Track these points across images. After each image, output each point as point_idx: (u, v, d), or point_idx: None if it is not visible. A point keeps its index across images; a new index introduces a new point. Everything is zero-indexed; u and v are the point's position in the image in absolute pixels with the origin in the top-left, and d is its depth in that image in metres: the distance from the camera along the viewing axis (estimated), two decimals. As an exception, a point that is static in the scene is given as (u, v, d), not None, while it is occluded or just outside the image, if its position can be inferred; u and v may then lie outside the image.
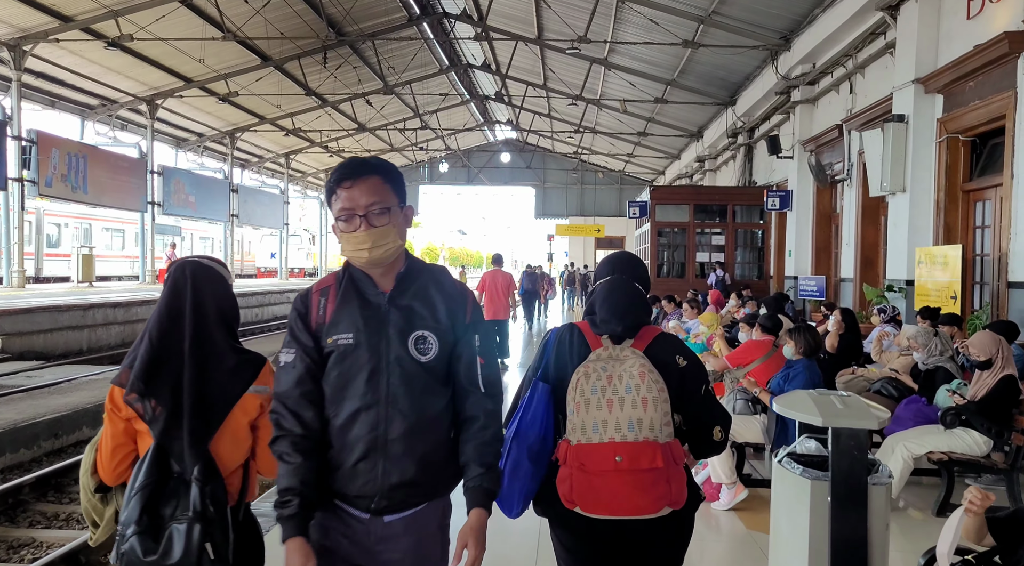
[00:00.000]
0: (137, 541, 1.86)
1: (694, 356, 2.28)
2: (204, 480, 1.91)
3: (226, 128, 26.25)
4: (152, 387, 1.94)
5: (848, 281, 12.81)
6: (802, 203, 15.00)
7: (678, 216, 18.47)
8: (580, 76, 21.65)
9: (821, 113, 14.35)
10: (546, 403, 2.19)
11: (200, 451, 1.93)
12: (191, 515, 1.88)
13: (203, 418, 1.95)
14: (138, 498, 1.89)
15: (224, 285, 2.11)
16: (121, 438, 2.00)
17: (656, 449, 2.07)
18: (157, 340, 1.97)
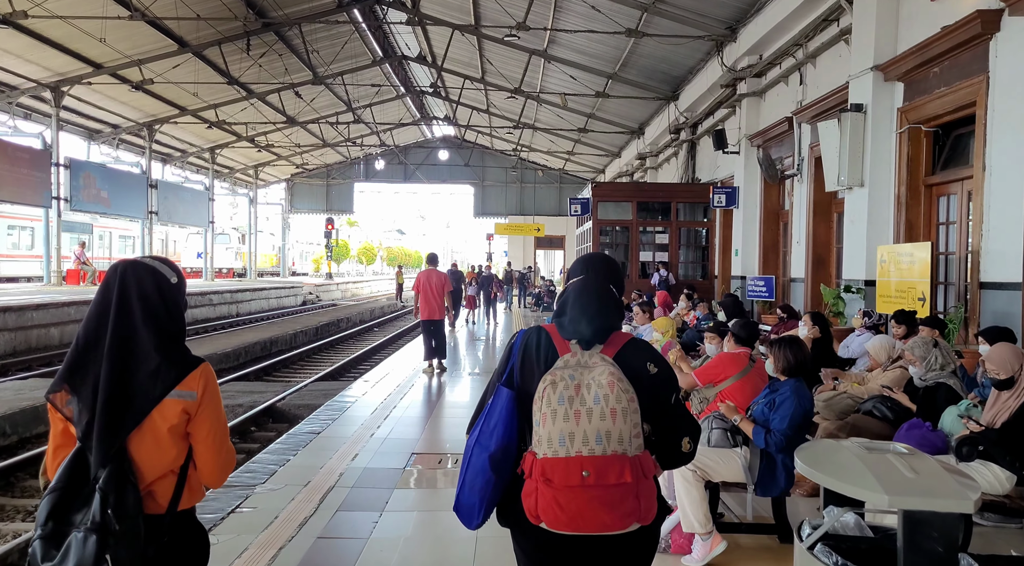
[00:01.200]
0: (39, 546, 1.81)
1: (665, 363, 2.17)
2: (108, 488, 1.82)
3: (143, 119, 24.59)
4: (74, 386, 1.90)
5: (799, 281, 12.27)
6: (749, 200, 14.45)
7: (621, 214, 17.81)
8: (519, 69, 20.85)
9: (769, 106, 13.82)
10: (510, 410, 2.09)
11: (108, 454, 1.85)
12: (89, 525, 1.80)
13: (112, 420, 1.86)
14: (47, 501, 1.84)
15: (160, 284, 2.00)
16: (60, 439, 1.97)
17: (624, 463, 1.99)
18: (83, 339, 1.94)
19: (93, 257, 31.62)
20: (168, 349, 1.96)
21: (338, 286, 39.18)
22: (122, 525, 1.82)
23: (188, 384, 1.95)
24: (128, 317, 1.94)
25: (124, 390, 1.89)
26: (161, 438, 1.93)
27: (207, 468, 2.01)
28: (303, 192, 39.04)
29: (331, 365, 14.57)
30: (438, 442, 6.68)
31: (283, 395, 9.95)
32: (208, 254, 31.87)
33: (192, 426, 1.97)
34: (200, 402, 1.96)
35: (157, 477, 1.94)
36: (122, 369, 1.90)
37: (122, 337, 1.92)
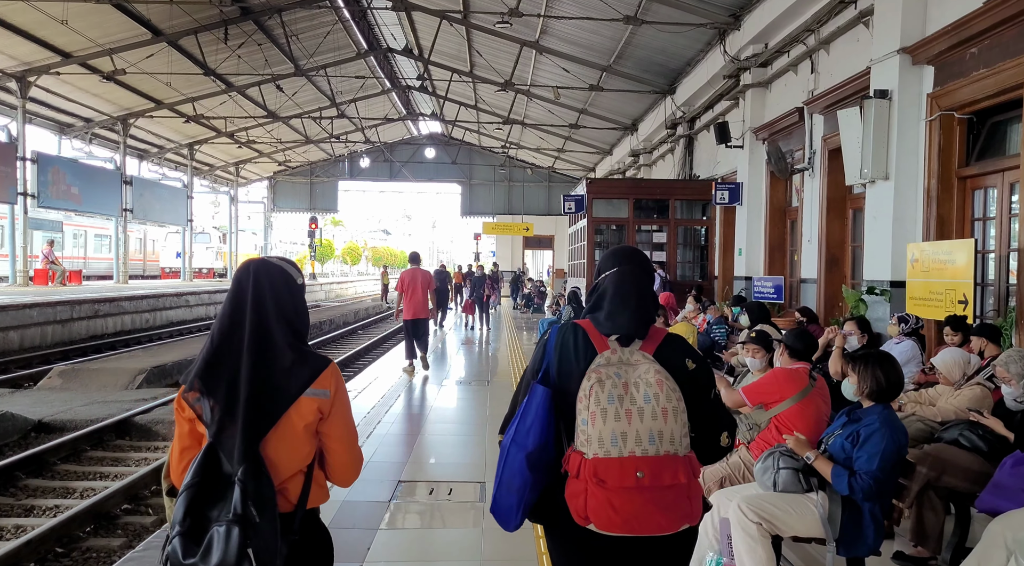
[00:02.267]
0: (179, 542, 1.80)
1: (702, 358, 2.18)
2: (247, 481, 1.83)
3: (117, 113, 23.58)
4: (210, 385, 1.91)
5: (810, 282, 11.54)
6: (753, 197, 13.73)
7: (617, 211, 17.06)
8: (509, 62, 20.06)
9: (775, 97, 13.10)
10: (547, 408, 2.04)
11: (249, 451, 1.86)
12: (231, 518, 1.79)
13: (255, 416, 1.88)
14: (184, 498, 1.84)
15: (289, 283, 2.03)
16: (187, 440, 1.97)
17: (677, 463, 1.98)
18: (218, 337, 1.95)
19: (67, 256, 30.58)
20: (300, 348, 2.00)
21: (322, 287, 38.25)
22: (262, 518, 1.82)
23: (322, 382, 1.97)
24: (264, 316, 1.96)
25: (263, 388, 1.91)
26: (296, 436, 1.95)
27: (340, 467, 2.04)
28: (286, 190, 38.05)
29: None
30: (428, 467, 5.89)
31: (256, 407, 9.07)
32: (186, 254, 30.85)
33: (325, 425, 2.00)
34: (333, 400, 1.99)
35: (289, 475, 1.95)
36: (260, 367, 1.92)
37: (259, 336, 1.94)
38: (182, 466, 1.96)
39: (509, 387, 9.38)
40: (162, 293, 19.94)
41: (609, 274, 2.17)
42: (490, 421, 7.49)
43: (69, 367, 11.54)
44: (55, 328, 14.73)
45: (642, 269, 2.20)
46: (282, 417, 1.92)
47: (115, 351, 13.95)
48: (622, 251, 2.26)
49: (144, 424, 8.39)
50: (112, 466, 7.50)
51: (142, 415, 8.62)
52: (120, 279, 24.68)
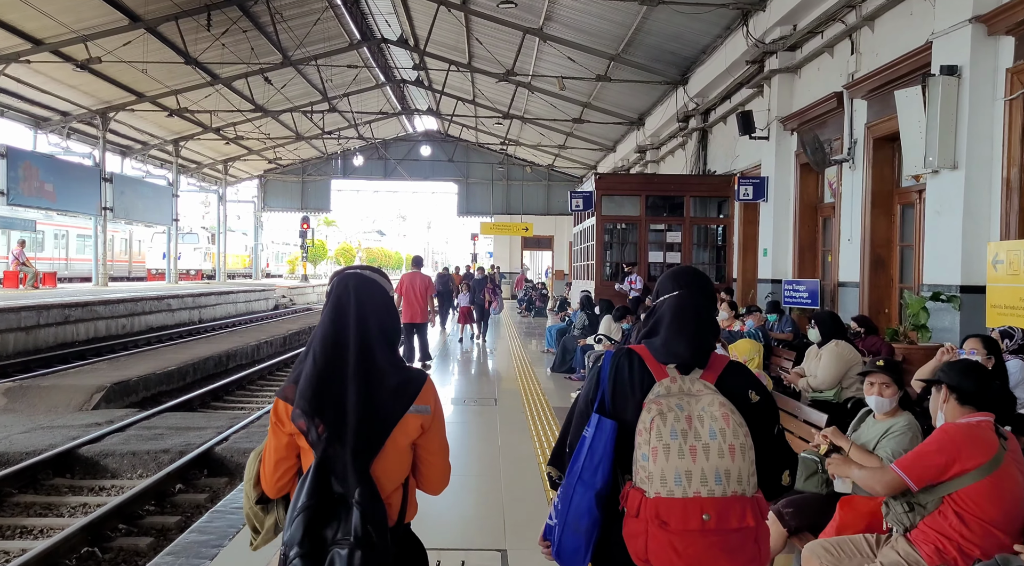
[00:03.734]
0: (300, 563, 1.80)
1: (766, 389, 2.05)
2: (365, 503, 1.84)
3: (96, 106, 22.33)
4: (316, 406, 1.88)
5: (850, 286, 10.41)
6: (781, 192, 12.61)
7: (627, 209, 15.91)
8: (511, 52, 18.90)
9: (806, 83, 11.98)
10: (613, 442, 1.93)
11: (363, 473, 1.87)
12: (352, 540, 1.81)
13: (366, 439, 1.89)
14: (301, 519, 1.82)
15: (386, 298, 2.04)
16: (284, 452, 1.96)
17: (746, 505, 1.86)
18: (321, 357, 1.93)
19: (46, 258, 29.32)
20: (399, 365, 2.00)
21: (314, 289, 36.99)
22: (379, 539, 1.83)
23: (423, 398, 1.98)
24: (367, 332, 1.95)
25: (372, 411, 1.90)
26: (401, 453, 1.96)
27: (436, 477, 2.06)
28: (277, 189, 36.79)
29: None
30: (429, 527, 4.66)
31: (226, 433, 7.84)
32: (171, 254, 29.58)
33: (424, 439, 2.00)
34: (433, 415, 2.00)
35: (392, 491, 1.96)
36: (367, 390, 1.91)
37: (364, 358, 1.93)
38: (276, 476, 1.97)
39: (520, 409, 8.22)
40: (141, 296, 18.72)
41: (668, 298, 2.08)
42: (504, 454, 6.32)
43: (16, 384, 10.16)
44: (18, 336, 13.50)
45: (703, 293, 2.11)
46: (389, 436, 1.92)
47: (71, 364, 12.50)
48: (683, 272, 2.17)
49: (91, 457, 7.06)
50: (39, 516, 6.11)
51: (90, 445, 7.29)
52: (100, 282, 23.42)
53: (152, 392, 11.10)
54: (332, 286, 2.03)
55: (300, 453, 1.96)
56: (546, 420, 7.65)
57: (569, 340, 11.04)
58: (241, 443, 7.41)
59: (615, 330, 9.53)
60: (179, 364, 12.37)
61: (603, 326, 9.64)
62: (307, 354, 1.97)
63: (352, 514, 1.83)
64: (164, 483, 6.49)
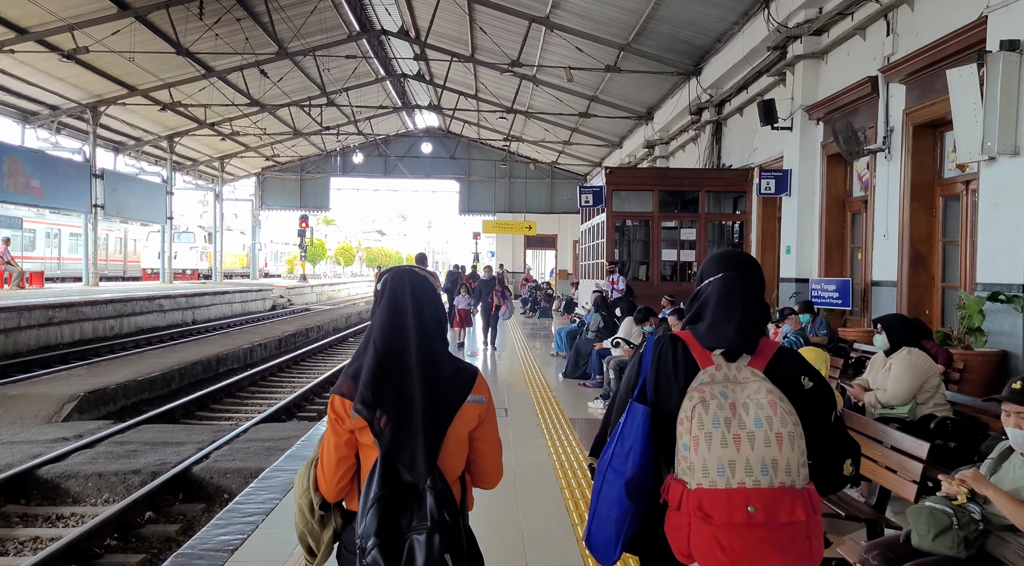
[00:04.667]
0: (379, 554, 1.80)
1: (820, 376, 1.96)
2: (437, 488, 1.86)
3: (87, 100, 21.58)
4: (379, 397, 1.92)
5: (886, 285, 9.67)
6: (805, 186, 11.86)
7: (640, 205, 15.18)
8: (516, 42, 18.16)
9: (833, 69, 11.23)
10: (647, 430, 1.87)
11: (432, 460, 1.89)
12: (429, 525, 1.82)
13: (434, 427, 1.91)
14: (375, 509, 1.83)
15: (437, 294, 2.09)
16: (344, 450, 1.96)
17: (795, 497, 1.74)
18: (383, 350, 1.97)
19: (37, 257, 28.60)
20: (453, 356, 2.04)
21: (312, 289, 36.25)
22: (454, 521, 1.85)
23: (478, 389, 2.01)
24: (426, 327, 1.98)
25: (435, 400, 1.92)
26: (461, 442, 1.98)
27: (492, 470, 2.08)
28: (275, 187, 35.99)
29: (288, 394, 11.53)
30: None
31: (208, 449, 7.05)
32: (166, 253, 28.82)
33: (480, 430, 2.02)
34: (488, 406, 2.03)
35: (453, 479, 1.98)
36: (429, 379, 1.93)
37: (425, 348, 1.95)
38: (337, 476, 1.96)
39: (534, 420, 7.47)
40: (132, 297, 17.97)
41: (713, 280, 2.00)
42: (520, 472, 5.58)
43: (-22, 394, 9.35)
44: (-4, 338, 12.77)
45: (752, 276, 2.01)
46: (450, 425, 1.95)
47: (49, 370, 11.69)
48: (729, 255, 2.07)
49: (51, 479, 6.25)
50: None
51: (51, 465, 6.46)
52: (90, 281, 22.65)
53: (132, 400, 10.34)
54: (386, 281, 2.07)
55: (359, 451, 1.97)
56: (563, 432, 6.90)
57: (582, 343, 10.28)
58: (222, 462, 6.62)
59: (636, 333, 8.79)
60: (164, 369, 11.58)
61: (623, 329, 8.89)
62: (366, 347, 1.99)
63: (425, 500, 1.84)
64: (130, 511, 5.67)
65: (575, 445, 6.40)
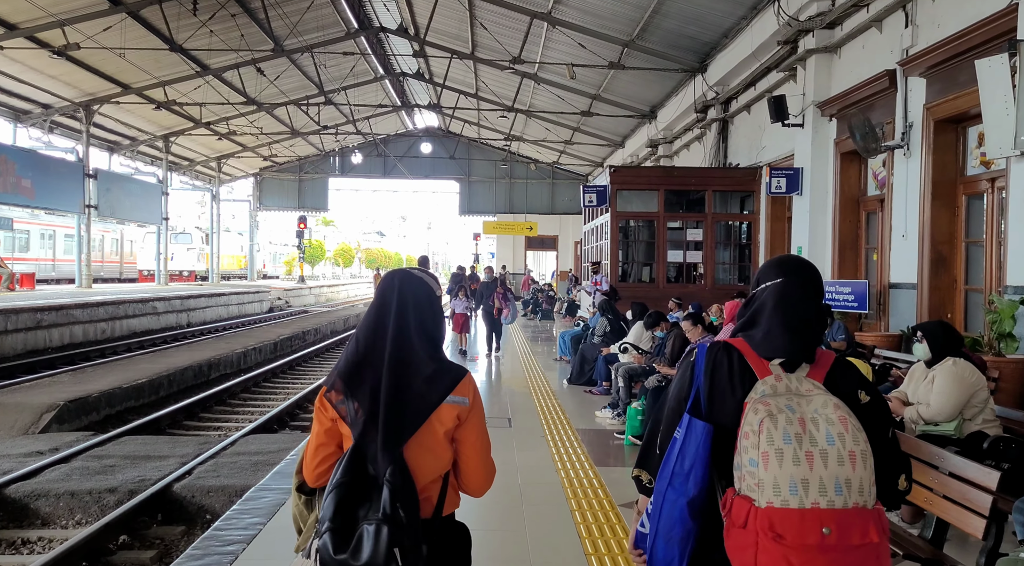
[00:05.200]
0: (329, 538, 1.84)
1: (875, 389, 1.90)
2: (394, 482, 1.87)
3: (79, 98, 21.19)
4: (353, 389, 1.97)
5: (905, 287, 9.27)
6: (818, 184, 11.46)
7: (645, 205, 14.79)
8: (517, 39, 17.79)
9: (847, 63, 10.83)
10: (708, 447, 1.80)
11: (392, 454, 1.90)
12: (380, 517, 1.84)
13: (397, 422, 1.93)
14: (333, 496, 1.88)
15: (429, 294, 2.11)
16: (324, 438, 2.02)
17: (868, 518, 1.69)
18: (362, 344, 2.03)
19: (31, 258, 28.21)
20: (439, 358, 2.05)
21: (311, 290, 35.86)
22: (408, 519, 1.85)
23: (461, 390, 2.01)
24: (406, 326, 2.02)
25: (405, 395, 1.95)
26: (437, 442, 1.98)
27: (475, 475, 2.06)
28: (273, 188, 35.57)
29: (282, 400, 11.06)
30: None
31: (190, 465, 6.61)
32: (162, 255, 28.41)
33: (461, 432, 2.02)
34: (471, 408, 2.03)
35: (428, 481, 1.98)
36: (402, 375, 1.97)
37: (400, 345, 1.99)
38: (315, 462, 2.01)
39: (539, 431, 7.06)
40: (124, 299, 17.57)
41: (770, 286, 1.90)
42: (526, 490, 5.17)
43: (-50, 405, 8.92)
44: (-20, 342, 12.36)
45: (811, 281, 1.92)
46: (424, 423, 1.95)
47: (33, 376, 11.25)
48: (787, 260, 1.97)
49: (19, 499, 5.77)
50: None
51: (21, 483, 5.99)
52: (83, 283, 22.25)
53: (116, 409, 9.86)
54: (381, 282, 2.13)
55: (342, 441, 2.01)
56: (570, 445, 6.50)
57: (588, 349, 9.87)
58: (207, 479, 6.18)
59: (646, 339, 8.39)
60: (152, 375, 11.13)
61: (633, 334, 8.49)
62: (351, 341, 2.06)
63: (383, 493, 1.85)
64: (102, 536, 5.21)
65: (584, 460, 5.99)
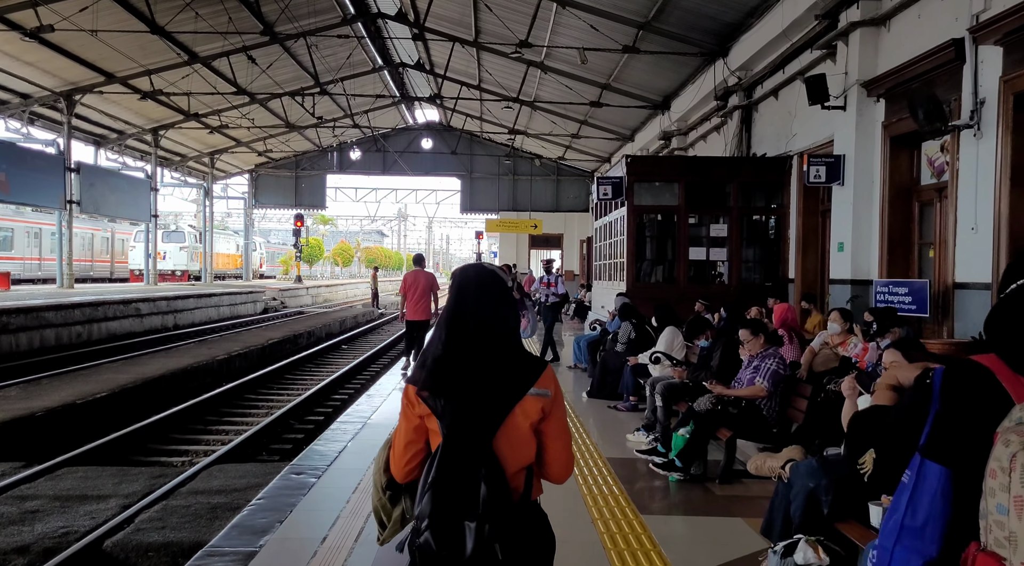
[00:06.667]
0: (431, 535, 1.86)
1: None
2: (490, 478, 1.91)
3: (60, 87, 20.05)
4: (439, 384, 1.99)
5: (974, 288, 8.10)
6: (862, 173, 10.30)
7: (665, 198, 13.65)
8: (524, 22, 16.67)
9: (899, 36, 9.66)
10: (950, 497, 1.52)
11: (485, 449, 1.94)
12: (480, 513, 1.87)
13: (487, 417, 1.97)
14: (430, 494, 1.91)
15: (504, 287, 2.15)
16: (413, 435, 2.04)
17: None
18: (445, 339, 2.05)
19: (16, 258, 27.09)
20: (519, 349, 2.08)
21: (308, 290, 34.69)
22: (505, 513, 1.88)
23: (543, 383, 2.03)
24: (485, 319, 2.05)
25: (492, 388, 1.98)
26: (522, 434, 2.00)
27: (558, 463, 2.09)
28: (268, 185, 34.40)
29: (264, 416, 9.78)
30: None
31: (134, 509, 5.37)
32: (154, 253, 27.25)
33: (545, 424, 2.05)
34: (554, 400, 2.05)
35: (515, 471, 2.00)
36: (487, 369, 1.99)
37: (483, 339, 2.02)
38: (404, 459, 2.05)
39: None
40: (103, 300, 16.41)
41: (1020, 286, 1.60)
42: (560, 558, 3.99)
43: None
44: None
45: None
46: (509, 416, 1.97)
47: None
48: None
49: None
50: None
51: None
52: (64, 283, 21.09)
53: (67, 429, 8.45)
54: (455, 276, 2.17)
55: (429, 436, 2.03)
56: (604, 482, 5.33)
57: (610, 357, 8.70)
58: (147, 532, 4.88)
59: (678, 347, 7.24)
60: (115, 387, 9.80)
61: (664, 341, 7.33)
62: (434, 337, 2.09)
63: (480, 490, 1.88)
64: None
65: (624, 505, 4.82)
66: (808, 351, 6.43)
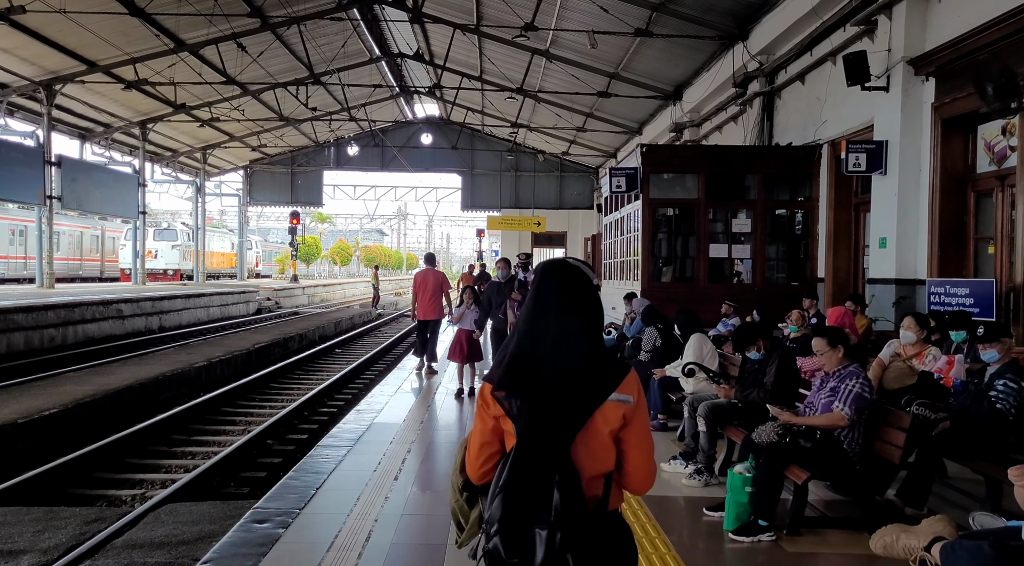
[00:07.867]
0: (500, 541, 1.80)
1: None
2: (564, 485, 1.82)
3: (39, 76, 19.02)
4: (516, 384, 1.91)
5: (1051, 289, 7.06)
6: (908, 161, 9.28)
7: (683, 190, 12.63)
8: (529, 5, 15.65)
9: (950, 8, 8.65)
10: None
11: (561, 454, 1.85)
12: (553, 521, 1.78)
13: (564, 421, 1.87)
14: (501, 498, 1.84)
15: (589, 286, 2.02)
16: (488, 436, 1.98)
17: None
18: (524, 337, 1.97)
19: (2, 256, 26.07)
20: (602, 352, 1.97)
21: (304, 290, 33.65)
22: (579, 521, 1.80)
23: (626, 388, 1.93)
24: (568, 318, 1.94)
25: (568, 391, 1.88)
26: (601, 440, 1.92)
27: (640, 473, 1.99)
28: (264, 181, 33.31)
29: (240, 435, 8.56)
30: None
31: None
32: (141, 251, 26.21)
33: (627, 431, 1.96)
34: (636, 407, 1.95)
35: (592, 477, 1.92)
36: (567, 371, 1.89)
37: (564, 340, 1.92)
38: (480, 461, 1.97)
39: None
40: (81, 301, 15.38)
41: None
42: None
43: None
44: None
45: None
46: (589, 421, 1.88)
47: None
48: None
49: None
50: None
51: None
52: (44, 283, 20.05)
53: (4, 454, 7.16)
54: (538, 272, 2.06)
55: (504, 437, 1.95)
56: (646, 531, 4.28)
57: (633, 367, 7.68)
58: None
59: (709, 357, 6.21)
60: (67, 403, 8.49)
61: (692, 350, 6.28)
62: (512, 333, 1.99)
63: (553, 496, 1.79)
64: None
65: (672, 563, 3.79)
66: (876, 364, 5.41)
